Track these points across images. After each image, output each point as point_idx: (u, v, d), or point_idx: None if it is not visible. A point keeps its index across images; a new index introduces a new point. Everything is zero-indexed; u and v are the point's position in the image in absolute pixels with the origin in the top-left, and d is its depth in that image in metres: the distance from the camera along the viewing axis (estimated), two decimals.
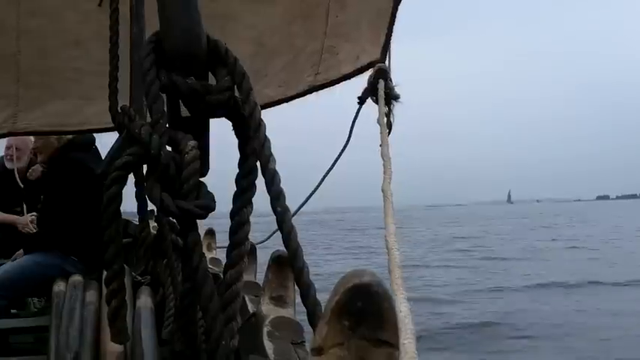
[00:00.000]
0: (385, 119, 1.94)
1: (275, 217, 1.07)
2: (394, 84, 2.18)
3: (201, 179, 1.04)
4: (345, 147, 2.60)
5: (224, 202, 1.14)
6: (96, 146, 3.63)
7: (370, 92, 2.21)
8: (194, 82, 1.02)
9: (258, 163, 1.09)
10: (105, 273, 1.22)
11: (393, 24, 2.19)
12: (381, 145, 1.66)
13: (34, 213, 4.09)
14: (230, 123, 1.11)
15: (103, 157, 3.58)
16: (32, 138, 4.07)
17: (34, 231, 3.94)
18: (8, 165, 4.45)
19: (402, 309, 0.69)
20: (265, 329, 1.94)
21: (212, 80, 1.07)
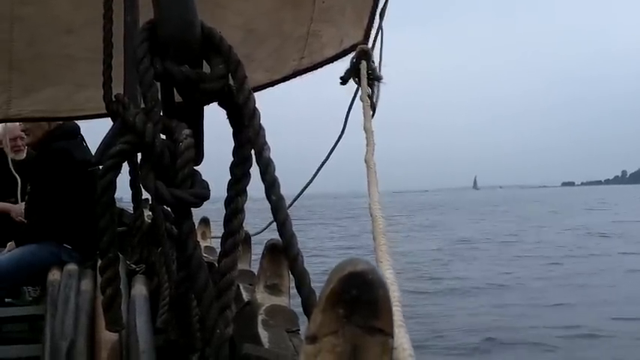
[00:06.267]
0: (369, 102, 1.96)
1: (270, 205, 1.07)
2: (376, 65, 2.21)
3: (196, 167, 1.03)
4: (340, 136, 2.60)
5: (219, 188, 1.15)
6: (81, 134, 3.59)
7: (353, 73, 2.24)
8: (188, 70, 1.02)
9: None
10: (100, 261, 1.22)
11: (377, 7, 2.22)
12: (364, 121, 1.68)
13: None
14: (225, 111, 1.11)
15: (88, 145, 3.56)
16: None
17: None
18: (13, 155, 4.41)
19: (388, 276, 0.69)
20: (260, 317, 1.95)
21: (207, 68, 1.06)
